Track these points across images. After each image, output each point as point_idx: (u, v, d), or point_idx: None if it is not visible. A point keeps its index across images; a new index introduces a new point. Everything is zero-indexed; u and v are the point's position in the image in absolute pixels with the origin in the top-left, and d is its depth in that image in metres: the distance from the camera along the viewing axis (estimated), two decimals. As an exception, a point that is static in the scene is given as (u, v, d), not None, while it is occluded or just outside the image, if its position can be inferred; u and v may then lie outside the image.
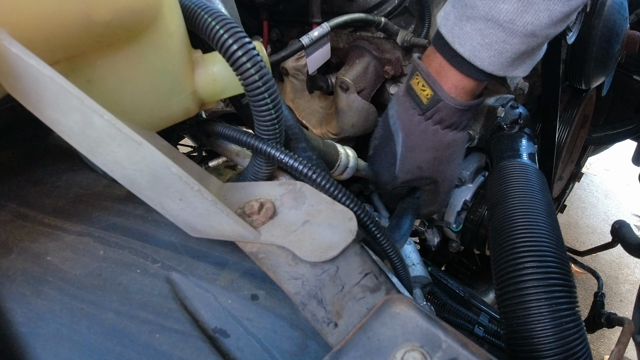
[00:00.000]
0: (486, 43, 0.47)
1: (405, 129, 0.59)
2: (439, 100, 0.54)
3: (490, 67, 0.49)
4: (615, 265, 2.10)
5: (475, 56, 0.49)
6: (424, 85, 0.55)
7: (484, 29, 0.47)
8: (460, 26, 0.48)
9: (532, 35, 0.46)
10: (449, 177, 0.64)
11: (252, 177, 0.45)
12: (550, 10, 0.44)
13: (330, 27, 0.67)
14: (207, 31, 0.37)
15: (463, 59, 0.50)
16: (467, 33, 0.48)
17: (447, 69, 0.53)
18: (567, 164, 1.34)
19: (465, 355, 0.27)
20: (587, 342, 0.48)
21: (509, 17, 0.44)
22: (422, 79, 0.55)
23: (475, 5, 0.46)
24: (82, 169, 0.48)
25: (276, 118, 0.40)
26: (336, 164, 0.66)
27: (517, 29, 0.45)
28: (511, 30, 0.45)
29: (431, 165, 0.61)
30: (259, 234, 0.37)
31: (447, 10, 0.51)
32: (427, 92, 0.55)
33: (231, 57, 0.36)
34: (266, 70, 0.38)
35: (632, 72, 1.25)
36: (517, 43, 0.47)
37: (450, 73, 0.53)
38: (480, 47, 0.48)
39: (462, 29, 0.48)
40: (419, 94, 0.56)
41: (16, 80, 0.28)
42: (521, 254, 0.52)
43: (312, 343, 0.33)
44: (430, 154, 0.59)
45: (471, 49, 0.48)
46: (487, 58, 0.48)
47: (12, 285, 0.35)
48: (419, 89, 0.56)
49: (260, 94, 0.38)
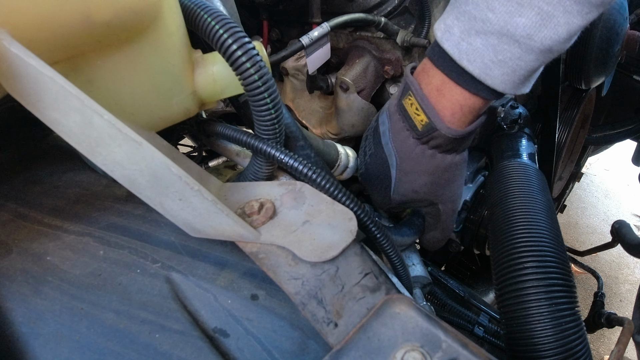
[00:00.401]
0: (499, 60, 0.43)
1: (400, 152, 0.54)
2: (435, 130, 0.49)
3: (501, 86, 0.45)
4: (615, 265, 2.10)
5: (487, 74, 0.44)
6: (417, 109, 0.50)
7: (497, 45, 0.42)
8: (468, 41, 0.44)
9: (548, 51, 0.42)
10: (450, 199, 0.59)
11: (252, 176, 0.45)
12: (569, 24, 0.40)
13: (330, 27, 0.67)
14: (207, 31, 0.37)
15: (471, 77, 0.45)
16: (476, 49, 0.43)
17: (451, 87, 0.48)
18: (567, 164, 1.34)
19: (465, 355, 0.27)
20: (587, 342, 0.48)
21: (526, 32, 0.41)
22: (416, 101, 0.50)
23: (487, 19, 0.42)
24: (82, 169, 0.48)
25: (276, 118, 0.40)
26: (336, 164, 0.66)
27: (535, 44, 0.41)
28: (528, 46, 0.41)
29: (428, 189, 0.56)
30: (259, 234, 0.37)
31: (448, 23, 0.45)
32: (422, 118, 0.50)
33: (230, 56, 0.36)
34: (265, 70, 0.38)
35: (632, 72, 1.25)
36: (532, 60, 0.43)
37: (455, 92, 0.48)
38: (492, 64, 0.43)
39: (470, 45, 0.44)
40: (412, 117, 0.51)
41: (16, 80, 0.28)
42: (521, 254, 0.52)
43: (312, 343, 0.33)
44: (427, 178, 0.55)
45: (482, 67, 0.44)
46: (499, 76, 0.44)
47: (12, 285, 0.35)
48: (413, 112, 0.51)
49: (259, 93, 0.38)
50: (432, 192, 0.57)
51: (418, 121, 0.50)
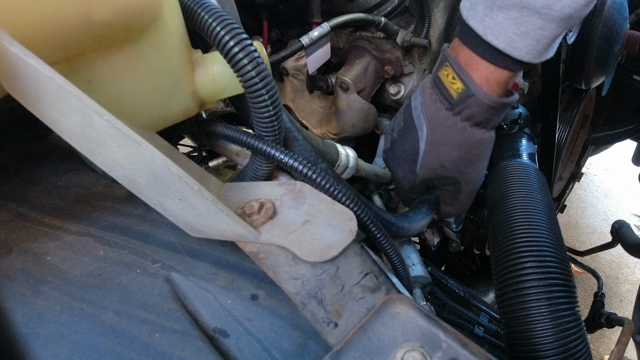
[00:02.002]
0: (522, 32, 0.45)
1: (431, 123, 0.55)
2: (471, 95, 0.51)
3: (527, 57, 0.47)
4: (615, 265, 2.10)
5: (512, 47, 0.46)
6: (454, 78, 0.52)
7: (518, 18, 0.44)
8: (491, 16, 0.46)
9: (569, 19, 0.44)
10: (472, 180, 0.60)
11: (251, 175, 0.45)
12: None
13: (330, 27, 0.67)
14: (205, 29, 0.37)
15: (497, 51, 0.47)
16: (500, 23, 0.46)
17: (478, 62, 0.50)
18: (567, 164, 1.34)
19: (465, 355, 0.27)
20: (587, 342, 0.48)
21: (545, 3, 0.43)
22: (453, 70, 0.51)
23: None
24: (82, 169, 0.48)
25: (274, 115, 0.40)
26: (336, 164, 0.66)
27: (555, 14, 0.43)
28: (548, 16, 0.43)
29: (455, 164, 0.57)
30: (259, 234, 0.37)
31: (472, 1, 0.48)
32: (458, 86, 0.52)
33: (228, 53, 0.37)
34: (264, 67, 0.38)
35: (632, 72, 1.25)
36: (554, 28, 0.45)
37: (481, 65, 0.50)
38: (515, 36, 0.46)
39: (493, 20, 0.46)
40: (447, 86, 0.53)
41: (16, 80, 0.28)
42: (521, 254, 0.52)
43: (312, 343, 0.33)
44: (455, 152, 0.56)
45: (506, 40, 0.46)
46: (524, 47, 0.46)
47: (12, 285, 0.35)
48: (449, 81, 0.53)
49: (257, 90, 0.38)
50: (458, 168, 0.58)
51: (454, 90, 0.52)
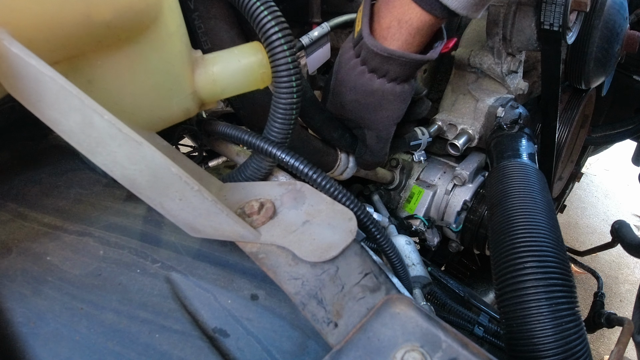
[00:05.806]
0: None
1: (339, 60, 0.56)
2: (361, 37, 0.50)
3: (454, 4, 0.46)
4: (615, 265, 2.10)
5: None
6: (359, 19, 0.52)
7: None
8: None
9: None
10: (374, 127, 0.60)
11: (251, 174, 0.45)
12: None
13: (330, 27, 0.67)
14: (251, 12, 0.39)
15: None
16: None
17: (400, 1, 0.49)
18: (567, 164, 1.34)
19: (465, 355, 0.27)
20: (587, 342, 0.48)
21: None
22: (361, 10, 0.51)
23: None
24: (82, 169, 0.48)
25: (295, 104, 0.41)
26: (336, 164, 0.66)
27: None
28: None
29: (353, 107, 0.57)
30: (259, 234, 0.37)
31: None
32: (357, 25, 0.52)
33: (268, 37, 0.39)
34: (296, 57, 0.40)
35: (632, 72, 1.25)
36: None
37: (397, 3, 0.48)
38: None
39: None
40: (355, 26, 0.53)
41: (16, 80, 0.28)
42: (521, 254, 0.52)
43: (312, 343, 0.33)
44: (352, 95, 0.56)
45: None
46: None
47: (12, 285, 0.35)
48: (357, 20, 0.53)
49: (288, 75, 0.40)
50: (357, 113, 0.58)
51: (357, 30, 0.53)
